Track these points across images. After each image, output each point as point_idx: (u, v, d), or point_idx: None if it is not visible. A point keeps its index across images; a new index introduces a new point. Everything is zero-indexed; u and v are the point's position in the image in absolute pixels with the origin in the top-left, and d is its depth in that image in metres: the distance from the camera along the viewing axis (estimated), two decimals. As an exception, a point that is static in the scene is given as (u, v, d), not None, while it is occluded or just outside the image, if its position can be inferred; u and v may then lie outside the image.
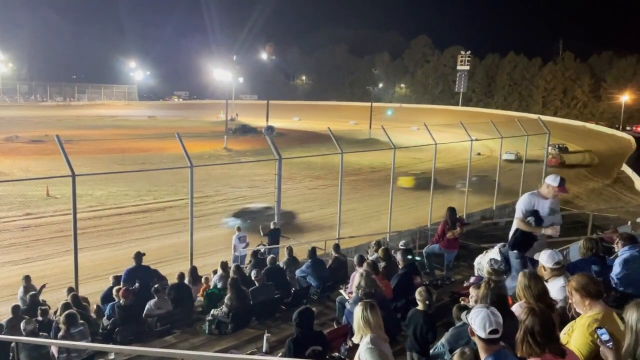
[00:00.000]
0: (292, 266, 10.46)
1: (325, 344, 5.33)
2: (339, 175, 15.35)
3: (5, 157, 34.77)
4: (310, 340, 5.15)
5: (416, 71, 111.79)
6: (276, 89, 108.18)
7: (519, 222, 6.30)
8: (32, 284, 10.06)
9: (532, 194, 6.38)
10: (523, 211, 6.25)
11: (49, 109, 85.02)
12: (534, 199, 6.27)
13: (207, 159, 37.63)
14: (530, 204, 6.23)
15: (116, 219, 21.51)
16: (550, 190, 6.19)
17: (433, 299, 5.89)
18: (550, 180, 6.24)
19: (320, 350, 5.21)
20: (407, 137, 38.07)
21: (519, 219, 6.29)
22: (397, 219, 18.18)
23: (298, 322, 5.05)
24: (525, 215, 6.20)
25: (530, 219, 6.14)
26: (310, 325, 5.23)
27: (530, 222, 6.15)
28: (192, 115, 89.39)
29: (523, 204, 6.32)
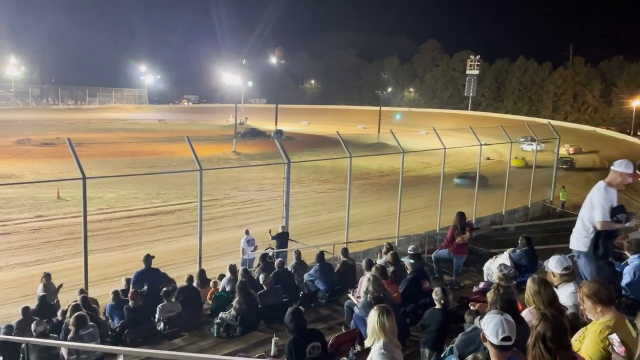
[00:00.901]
0: (300, 270, 10.46)
1: (322, 340, 5.37)
2: (347, 179, 15.35)
3: (17, 159, 35.08)
4: (308, 339, 5.20)
5: (425, 75, 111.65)
6: (285, 93, 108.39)
7: (605, 224, 5.33)
8: (52, 281, 10.10)
9: (606, 187, 5.40)
10: (608, 209, 5.29)
11: (60, 112, 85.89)
12: (612, 193, 5.33)
13: (216, 163, 37.76)
14: (612, 199, 5.29)
15: (126, 222, 21.65)
16: (624, 178, 5.34)
17: (449, 298, 5.95)
18: (621, 167, 5.37)
19: (320, 345, 5.25)
20: (416, 142, 38.08)
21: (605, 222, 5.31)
22: (405, 223, 18.14)
23: (294, 322, 5.09)
24: (613, 213, 5.27)
25: (621, 216, 5.25)
26: (305, 324, 5.30)
27: (622, 219, 5.28)
28: (202, 119, 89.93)
29: (606, 201, 5.31)
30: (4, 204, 22.99)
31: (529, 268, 8.74)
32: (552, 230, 18.44)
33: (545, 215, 22.41)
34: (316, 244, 15.70)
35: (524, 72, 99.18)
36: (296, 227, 16.62)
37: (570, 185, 30.16)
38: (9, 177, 29.25)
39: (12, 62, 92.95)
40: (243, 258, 13.96)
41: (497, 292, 4.30)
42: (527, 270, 8.64)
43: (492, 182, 25.41)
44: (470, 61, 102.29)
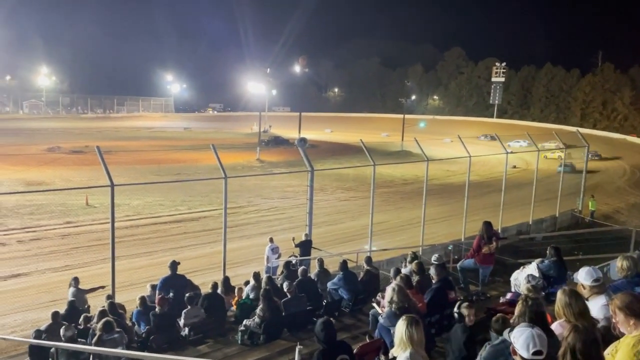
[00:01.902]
0: (323, 278, 10.43)
1: (350, 353, 5.31)
2: (370, 187, 15.29)
3: (48, 167, 35.99)
4: (337, 350, 5.15)
5: (450, 83, 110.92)
6: (309, 101, 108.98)
7: None
8: (80, 287, 10.28)
9: None
10: None
11: (89, 120, 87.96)
12: None
13: (240, 170, 38.10)
14: None
15: (152, 228, 21.96)
16: None
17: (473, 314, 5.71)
18: None
19: (348, 358, 5.20)
20: (440, 149, 37.79)
21: None
22: (429, 232, 17.96)
23: (324, 333, 5.04)
24: None
25: None
26: (335, 335, 5.23)
27: None
28: (226, 127, 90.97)
29: None
30: (34, 210, 23.61)
31: (558, 279, 8.55)
32: (581, 240, 18.04)
33: (574, 225, 21.92)
34: (339, 252, 15.68)
35: (551, 79, 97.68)
36: (319, 235, 16.61)
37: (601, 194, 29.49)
38: (40, 184, 30.06)
39: (43, 72, 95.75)
40: (267, 266, 14.00)
41: (525, 304, 4.21)
42: (555, 282, 8.45)
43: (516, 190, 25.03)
44: (496, 68, 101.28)
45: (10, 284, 14.95)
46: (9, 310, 12.99)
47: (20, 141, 53.44)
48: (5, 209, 23.37)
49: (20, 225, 21.29)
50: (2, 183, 30.24)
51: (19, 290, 14.44)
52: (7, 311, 12.94)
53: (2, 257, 17.26)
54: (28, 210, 23.47)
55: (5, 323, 12.26)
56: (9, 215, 22.63)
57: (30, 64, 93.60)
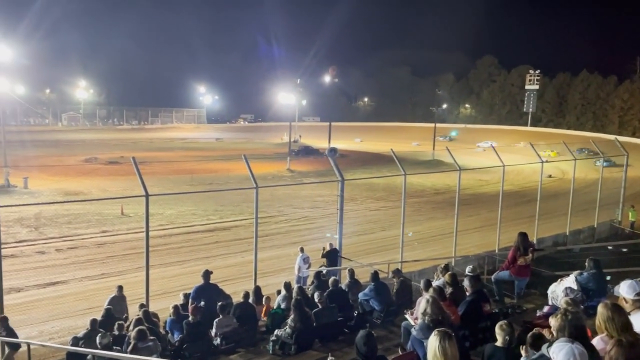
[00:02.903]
0: (354, 289, 10.36)
1: None
2: (401, 196, 15.14)
3: (85, 177, 37.11)
4: (376, 364, 5.05)
5: (482, 91, 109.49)
6: (338, 110, 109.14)
7: None
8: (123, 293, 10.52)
9: None
10: None
11: (124, 132, 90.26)
12: None
13: (270, 180, 38.34)
14: None
15: (184, 238, 22.29)
16: None
17: (514, 335, 5.29)
18: None
19: None
20: (472, 159, 37.22)
21: None
22: (462, 242, 17.66)
23: (367, 347, 4.94)
24: None
25: None
26: (376, 348, 5.13)
27: None
28: (257, 137, 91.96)
29: None
30: (72, 219, 24.31)
31: (597, 292, 8.26)
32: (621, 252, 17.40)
33: (613, 236, 21.18)
34: (370, 262, 15.56)
35: (587, 87, 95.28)
36: (349, 245, 16.54)
37: None
38: (77, 194, 30.94)
39: (81, 85, 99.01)
40: (298, 275, 14.00)
41: (564, 318, 4.06)
42: (595, 295, 8.16)
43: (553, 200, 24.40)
44: (530, 76, 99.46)
45: (48, 292, 15.40)
46: (47, 317, 13.37)
47: (59, 152, 55.25)
48: (45, 218, 24.15)
49: (58, 234, 21.94)
50: (42, 193, 31.28)
51: (57, 298, 14.86)
52: (46, 318, 13.31)
53: (41, 265, 17.79)
54: (66, 220, 24.18)
55: (43, 330, 12.61)
56: (48, 224, 23.38)
57: (69, 78, 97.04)
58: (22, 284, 15.50)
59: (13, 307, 12.20)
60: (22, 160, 39.46)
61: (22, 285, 15.43)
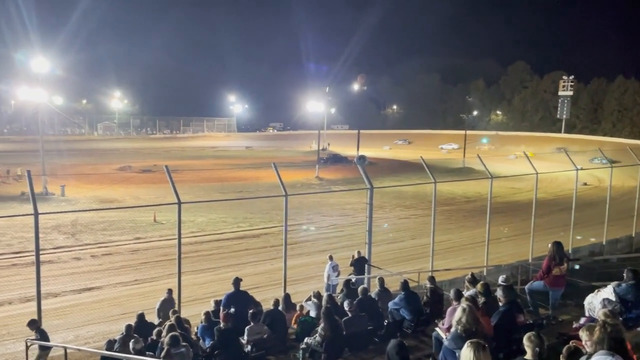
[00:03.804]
0: (384, 298, 10.27)
1: None
2: (431, 205, 14.98)
3: (119, 185, 38.01)
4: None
5: (513, 97, 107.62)
6: (367, 118, 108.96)
7: None
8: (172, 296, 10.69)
9: None
10: None
11: (157, 140, 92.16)
12: None
13: (299, 188, 38.50)
14: None
15: (215, 245, 22.55)
16: None
17: (545, 346, 5.01)
18: None
19: None
20: (504, 166, 36.60)
21: None
22: (494, 251, 17.34)
23: (400, 356, 4.90)
24: None
25: None
26: (408, 358, 5.08)
27: None
28: (286, 146, 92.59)
29: None
30: (107, 226, 24.92)
31: (636, 304, 7.98)
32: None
33: (652, 246, 20.43)
34: (399, 271, 15.43)
35: (623, 92, 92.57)
36: (378, 254, 16.43)
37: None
38: (112, 202, 31.72)
39: (116, 95, 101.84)
40: (327, 283, 13.97)
41: (604, 330, 3.95)
42: (634, 307, 7.89)
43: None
44: (563, 82, 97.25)
45: (84, 297, 15.78)
46: (83, 322, 13.71)
47: (94, 161, 56.78)
48: (81, 225, 24.81)
49: (93, 241, 22.50)
50: (78, 200, 32.18)
51: (92, 303, 15.22)
52: (82, 323, 13.65)
53: (77, 271, 18.26)
54: (101, 227, 24.80)
55: (79, 334, 12.92)
56: (84, 231, 24.01)
57: (105, 89, 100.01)
58: (59, 289, 15.94)
59: (50, 311, 12.56)
60: (59, 168, 40.70)
61: (59, 290, 15.87)
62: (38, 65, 39.58)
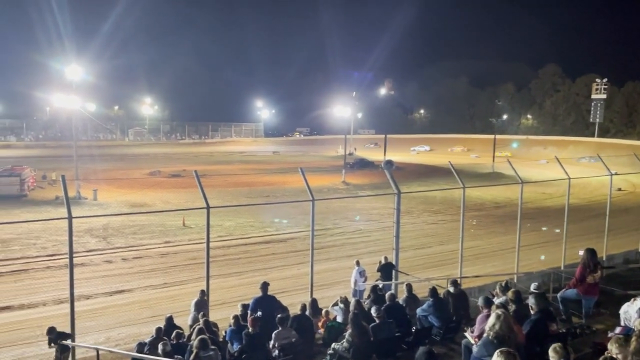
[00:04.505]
0: (412, 304, 10.18)
1: None
2: (460, 210, 14.78)
3: (149, 189, 38.69)
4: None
5: (544, 101, 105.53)
6: (394, 122, 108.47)
7: None
8: (205, 298, 10.81)
9: None
10: None
11: (186, 146, 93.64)
12: None
13: (326, 193, 38.55)
14: None
15: (242, 249, 22.72)
16: None
17: (571, 358, 4.86)
18: None
19: None
20: (535, 171, 35.88)
21: None
22: (525, 258, 16.97)
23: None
24: None
25: None
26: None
27: None
28: (313, 150, 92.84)
29: None
30: (137, 230, 25.40)
31: (676, 313, 7.68)
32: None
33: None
34: (427, 277, 15.25)
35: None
36: (406, 259, 16.28)
37: None
38: (142, 206, 32.32)
39: (147, 101, 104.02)
40: (354, 289, 13.92)
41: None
42: (673, 317, 7.59)
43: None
44: (596, 85, 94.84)
45: (115, 299, 16.10)
46: (114, 324, 13.98)
47: (125, 166, 58.00)
48: (112, 229, 25.36)
49: (124, 244, 22.96)
50: (109, 205, 32.91)
51: (123, 306, 15.51)
52: (112, 325, 13.92)
53: (109, 274, 18.66)
54: (131, 230, 25.29)
55: (110, 336, 13.17)
56: (115, 234, 24.53)
57: (136, 95, 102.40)
58: (91, 291, 16.31)
59: (82, 313, 12.84)
60: (91, 173, 41.72)
61: (91, 292, 16.23)
62: (72, 73, 40.73)
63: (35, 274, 18.46)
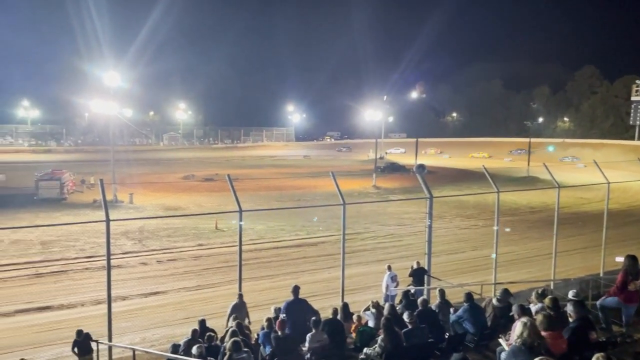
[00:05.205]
0: (445, 310, 10.02)
1: None
2: (494, 215, 14.52)
3: (183, 193, 39.43)
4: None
5: (581, 104, 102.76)
6: (425, 126, 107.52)
7: None
8: (243, 300, 10.97)
9: None
10: None
11: (219, 150, 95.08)
12: None
13: (357, 197, 38.45)
14: None
15: (273, 252, 22.86)
16: None
17: None
18: None
19: None
20: (572, 175, 34.97)
21: None
22: (562, 264, 16.54)
23: None
24: None
25: None
26: None
27: None
28: (343, 154, 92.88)
29: None
30: (172, 233, 25.87)
31: None
32: None
33: None
34: (460, 282, 15.02)
35: None
36: (438, 264, 16.07)
37: None
38: (177, 210, 32.93)
39: (181, 107, 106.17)
40: (385, 294, 13.82)
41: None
42: None
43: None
44: (636, 86, 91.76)
45: (150, 301, 16.43)
46: (149, 325, 14.26)
47: (160, 170, 59.24)
48: (148, 232, 25.91)
49: (159, 247, 23.42)
50: (145, 208, 33.64)
51: (157, 307, 15.82)
52: (148, 326, 14.21)
53: (144, 276, 19.06)
54: (166, 233, 25.79)
55: (145, 337, 13.44)
56: (150, 237, 25.05)
57: (170, 101, 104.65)
58: (127, 292, 16.70)
59: (119, 314, 13.15)
60: (128, 177, 42.76)
61: (127, 294, 16.62)
62: (110, 79, 41.89)
63: (74, 275, 19.01)
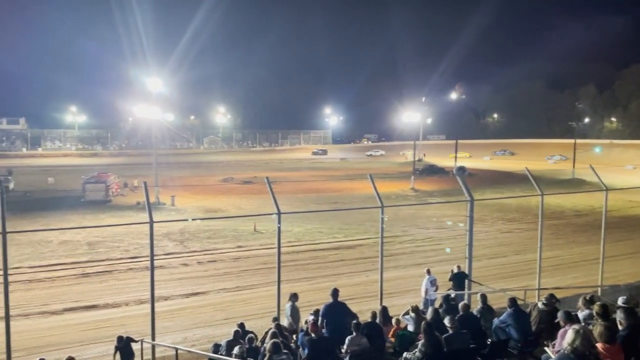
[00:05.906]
0: (487, 315, 9.80)
1: None
2: (537, 218, 14.10)
3: (222, 195, 40.08)
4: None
5: (630, 103, 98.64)
6: (465, 128, 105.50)
7: None
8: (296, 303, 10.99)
9: None
10: None
11: (257, 153, 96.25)
12: None
13: (394, 200, 38.13)
14: None
15: (311, 255, 22.90)
16: None
17: None
18: None
19: None
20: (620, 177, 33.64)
21: None
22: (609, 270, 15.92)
23: None
24: None
25: None
26: None
27: None
28: (381, 157, 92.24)
29: None
30: (212, 234, 26.33)
31: None
32: None
33: None
34: (502, 287, 14.67)
35: None
36: (479, 269, 15.77)
37: None
38: (216, 212, 33.48)
39: (220, 111, 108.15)
40: (425, 298, 13.64)
41: None
42: None
43: None
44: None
45: (190, 301, 16.76)
46: (190, 325, 14.55)
47: (200, 173, 60.40)
48: (189, 233, 26.45)
49: (200, 248, 23.86)
50: (186, 210, 34.37)
51: (198, 307, 16.13)
52: (189, 326, 14.49)
53: (185, 277, 19.46)
54: (206, 235, 26.25)
55: (187, 336, 13.70)
56: (191, 239, 25.57)
57: (210, 105, 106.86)
58: (169, 293, 17.09)
59: (161, 313, 13.46)
60: (169, 180, 43.78)
61: (169, 294, 17.01)
62: (153, 85, 43.08)
63: (119, 275, 19.60)
